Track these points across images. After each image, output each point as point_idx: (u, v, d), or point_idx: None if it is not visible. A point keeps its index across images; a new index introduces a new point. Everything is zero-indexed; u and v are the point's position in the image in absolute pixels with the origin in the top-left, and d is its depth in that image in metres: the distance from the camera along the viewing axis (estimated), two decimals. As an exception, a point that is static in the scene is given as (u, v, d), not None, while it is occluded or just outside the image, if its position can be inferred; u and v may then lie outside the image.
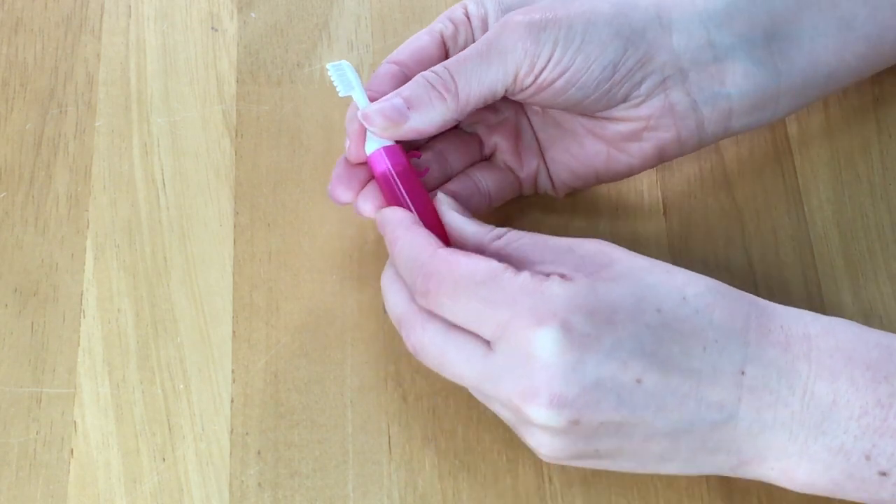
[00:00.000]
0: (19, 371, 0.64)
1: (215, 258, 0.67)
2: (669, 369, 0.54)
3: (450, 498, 0.61)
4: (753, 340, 0.55)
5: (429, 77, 0.60)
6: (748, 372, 0.54)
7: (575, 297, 0.54)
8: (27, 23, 0.75)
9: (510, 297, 0.54)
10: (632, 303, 0.54)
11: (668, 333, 0.54)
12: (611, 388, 0.54)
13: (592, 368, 0.53)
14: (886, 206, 0.68)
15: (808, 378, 0.54)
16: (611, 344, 0.53)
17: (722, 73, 0.62)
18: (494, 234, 0.59)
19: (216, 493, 0.61)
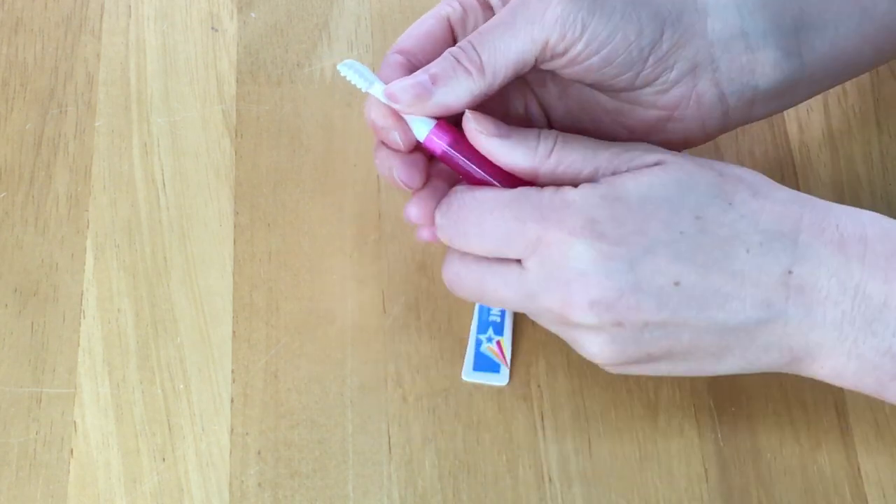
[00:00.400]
0: (19, 371, 0.64)
1: (215, 258, 0.67)
2: (709, 272, 0.54)
3: (450, 498, 0.61)
4: (803, 241, 0.55)
5: (453, 52, 0.58)
6: (796, 272, 0.54)
7: (604, 205, 0.54)
8: (27, 23, 0.75)
9: (538, 213, 0.55)
10: (666, 209, 0.54)
11: (706, 239, 0.54)
12: (648, 291, 0.54)
13: (627, 274, 0.54)
14: (886, 207, 0.68)
15: (861, 279, 0.54)
16: (643, 250, 0.54)
17: (753, 64, 0.61)
18: (543, 150, 0.57)
19: (216, 493, 0.61)
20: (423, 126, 0.59)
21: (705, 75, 0.60)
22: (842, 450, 0.62)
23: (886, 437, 0.62)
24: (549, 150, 0.57)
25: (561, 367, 0.64)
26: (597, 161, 0.56)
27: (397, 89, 0.58)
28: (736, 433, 0.62)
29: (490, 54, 0.58)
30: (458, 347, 0.64)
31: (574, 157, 0.57)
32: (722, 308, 0.54)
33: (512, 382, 0.63)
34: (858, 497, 0.60)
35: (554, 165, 0.57)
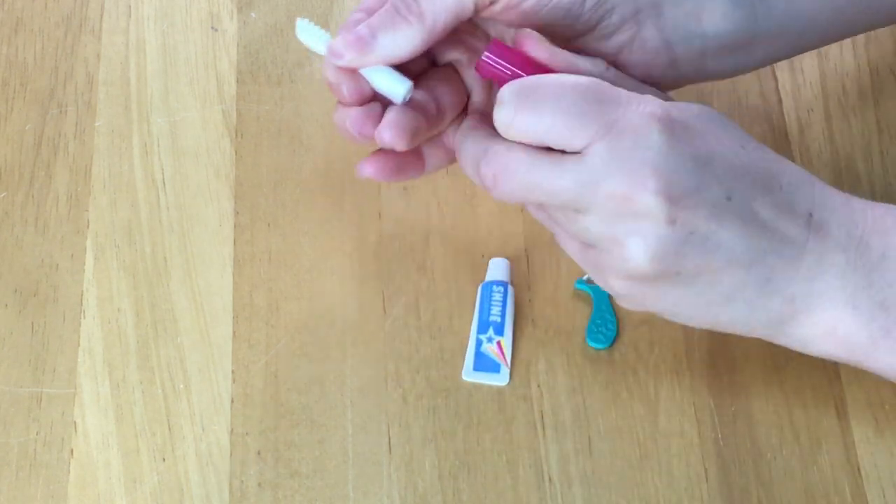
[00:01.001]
0: (19, 371, 0.64)
1: (215, 258, 0.67)
2: (753, 196, 0.56)
3: (450, 498, 0.61)
4: (819, 190, 0.57)
5: (394, 2, 0.59)
6: (815, 215, 0.57)
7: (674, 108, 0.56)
8: (27, 23, 0.75)
9: (619, 98, 0.55)
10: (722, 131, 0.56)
11: (753, 164, 0.56)
12: (707, 197, 0.55)
13: (693, 175, 0.55)
14: (886, 207, 0.68)
15: (864, 230, 0.57)
16: (707, 157, 0.55)
17: (699, 11, 0.61)
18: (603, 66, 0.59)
19: (216, 493, 0.61)
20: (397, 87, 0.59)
21: (648, 21, 0.61)
22: (842, 450, 0.62)
23: (886, 437, 0.62)
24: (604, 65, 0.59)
25: (561, 367, 0.64)
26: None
27: (338, 45, 0.59)
28: (736, 433, 0.62)
29: (429, 1, 0.58)
30: (458, 347, 0.64)
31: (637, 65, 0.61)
32: (759, 234, 0.56)
33: (512, 382, 0.63)
34: (858, 497, 0.60)
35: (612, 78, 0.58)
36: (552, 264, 0.67)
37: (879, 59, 0.73)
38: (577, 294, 0.66)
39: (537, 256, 0.67)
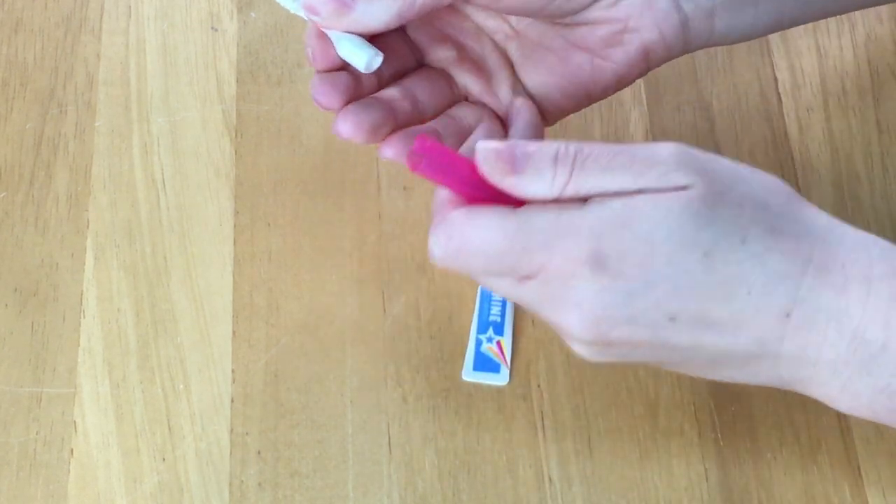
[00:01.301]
0: (19, 371, 0.64)
1: (215, 258, 0.67)
2: (707, 309, 0.53)
3: (450, 498, 0.61)
4: (807, 283, 0.53)
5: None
6: (794, 314, 0.53)
7: (610, 235, 0.52)
8: (27, 23, 0.75)
9: (544, 240, 0.53)
10: (675, 243, 0.52)
11: (710, 277, 0.53)
12: (643, 323, 0.53)
13: (623, 307, 0.53)
14: (886, 207, 0.68)
15: (860, 323, 0.53)
16: (643, 284, 0.52)
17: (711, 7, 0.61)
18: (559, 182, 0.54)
19: (216, 493, 0.61)
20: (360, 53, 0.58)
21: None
22: (842, 450, 0.62)
23: (886, 437, 0.62)
24: (567, 178, 0.54)
25: (561, 367, 0.64)
26: (620, 181, 0.53)
27: (317, 2, 0.58)
28: (736, 433, 0.62)
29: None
30: (458, 347, 0.64)
31: (593, 181, 0.53)
32: (715, 342, 0.54)
33: (512, 382, 0.63)
34: (858, 497, 0.60)
35: (573, 192, 0.54)
36: (552, 264, 0.67)
37: (879, 58, 0.73)
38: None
39: (537, 256, 0.67)
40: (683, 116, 0.71)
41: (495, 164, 0.54)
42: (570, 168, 0.53)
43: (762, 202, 0.54)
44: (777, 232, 0.53)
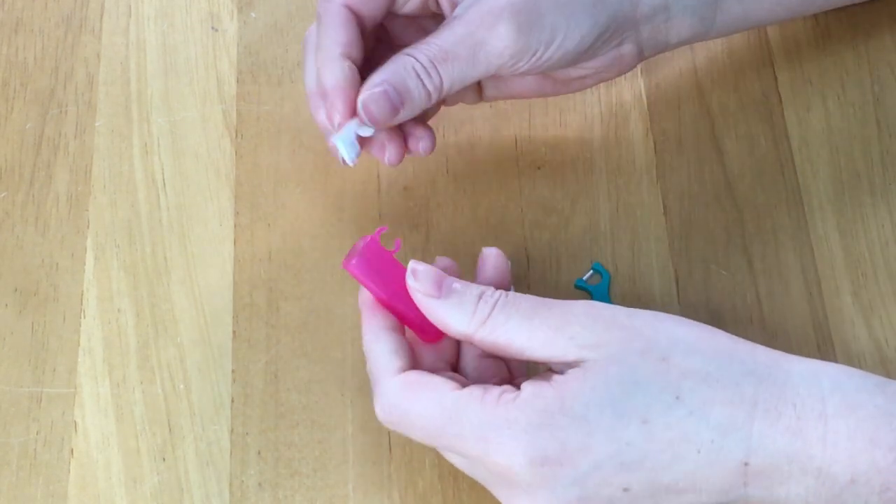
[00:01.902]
0: (19, 371, 0.64)
1: (215, 258, 0.67)
2: (659, 475, 0.53)
3: (450, 498, 0.61)
4: (758, 430, 0.52)
5: (419, 72, 0.60)
6: (752, 462, 0.53)
7: (545, 426, 0.52)
8: (27, 23, 0.75)
9: (479, 433, 0.53)
10: (610, 417, 0.52)
11: (654, 445, 0.52)
12: (597, 498, 0.53)
13: (572, 489, 0.53)
14: (886, 206, 0.68)
15: (823, 461, 0.52)
16: (588, 466, 0.52)
17: (668, 28, 0.65)
18: (479, 317, 0.55)
19: (216, 493, 0.61)
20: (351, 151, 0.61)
21: (628, 42, 0.65)
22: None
23: None
24: (486, 316, 0.55)
25: (561, 367, 0.64)
26: (532, 341, 0.54)
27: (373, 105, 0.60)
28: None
29: (450, 80, 0.60)
30: (458, 347, 0.64)
31: (510, 326, 0.54)
32: (676, 499, 0.53)
33: (512, 382, 0.63)
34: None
35: (487, 333, 0.55)
36: (552, 264, 0.67)
37: (879, 58, 0.73)
38: (576, 293, 0.66)
39: (537, 256, 0.67)
40: (683, 116, 0.71)
41: (423, 282, 0.56)
42: (490, 308, 0.55)
43: (691, 348, 0.54)
44: (712, 380, 0.53)
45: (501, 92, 0.67)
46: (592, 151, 0.70)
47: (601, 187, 0.69)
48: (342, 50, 0.61)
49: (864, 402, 0.53)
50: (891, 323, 0.65)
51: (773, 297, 0.66)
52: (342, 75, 0.61)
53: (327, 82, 0.61)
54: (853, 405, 0.53)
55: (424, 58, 0.60)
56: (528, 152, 0.70)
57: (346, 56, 0.61)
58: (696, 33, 0.67)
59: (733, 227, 0.68)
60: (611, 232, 0.68)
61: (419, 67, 0.60)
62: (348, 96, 0.60)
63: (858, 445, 0.52)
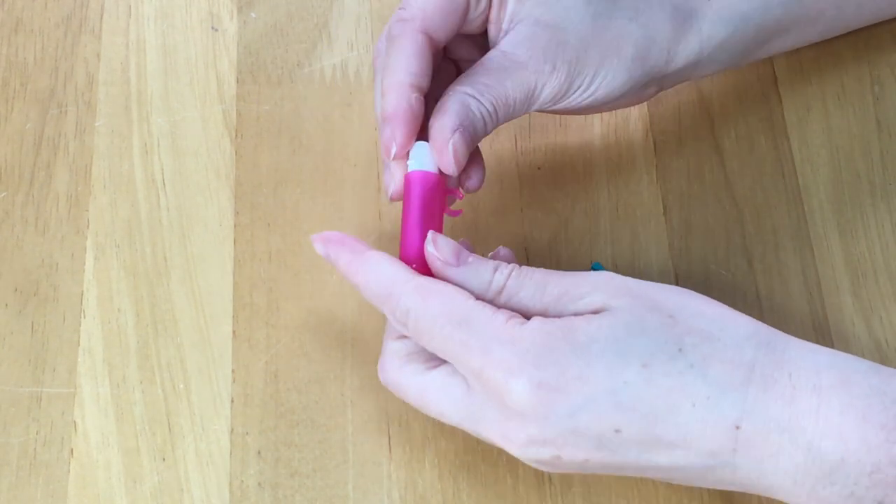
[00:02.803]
0: (19, 371, 0.64)
1: (215, 258, 0.67)
2: (652, 422, 0.53)
3: (450, 498, 0.61)
4: (753, 394, 0.53)
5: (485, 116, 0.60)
6: (744, 426, 0.53)
7: (548, 349, 0.53)
8: (27, 23, 0.75)
9: (483, 345, 0.54)
10: (612, 354, 0.53)
11: (651, 389, 0.53)
12: (588, 435, 0.54)
13: (566, 419, 0.53)
14: (886, 206, 0.68)
15: (814, 435, 0.52)
16: (583, 398, 0.53)
17: (694, 72, 0.66)
18: (495, 286, 0.57)
19: (216, 493, 0.61)
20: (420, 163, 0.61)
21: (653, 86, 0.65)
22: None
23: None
24: (501, 286, 0.57)
25: (561, 367, 0.64)
26: (545, 300, 0.56)
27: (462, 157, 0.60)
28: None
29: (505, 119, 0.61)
30: (458, 347, 0.64)
31: (523, 295, 0.56)
32: (665, 454, 0.54)
33: (512, 382, 0.63)
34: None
35: (504, 300, 0.56)
36: (552, 263, 0.67)
37: (879, 58, 0.73)
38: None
39: (537, 255, 0.67)
40: (683, 116, 0.71)
41: (443, 250, 0.57)
42: (505, 279, 0.56)
43: (697, 311, 0.55)
44: (714, 339, 0.54)
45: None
46: (592, 151, 0.70)
47: (601, 187, 0.69)
48: (412, 80, 0.60)
49: (858, 381, 0.53)
50: (891, 323, 0.65)
51: (773, 297, 0.66)
52: (408, 106, 0.59)
53: (390, 110, 0.59)
54: (847, 382, 0.53)
55: (489, 104, 0.60)
56: (528, 152, 0.70)
57: (416, 87, 0.60)
58: (717, 70, 0.67)
59: (733, 227, 0.68)
60: (611, 232, 0.68)
61: (486, 113, 0.60)
62: (412, 129, 0.59)
63: (850, 421, 0.52)
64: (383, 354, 0.59)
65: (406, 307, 0.56)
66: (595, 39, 0.62)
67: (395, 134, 0.59)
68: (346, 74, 0.73)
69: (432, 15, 0.60)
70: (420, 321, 0.56)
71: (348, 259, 0.58)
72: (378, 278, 0.57)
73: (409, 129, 0.59)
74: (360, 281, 0.58)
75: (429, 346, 0.56)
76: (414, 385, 0.57)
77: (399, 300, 0.56)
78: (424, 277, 0.57)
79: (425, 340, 0.56)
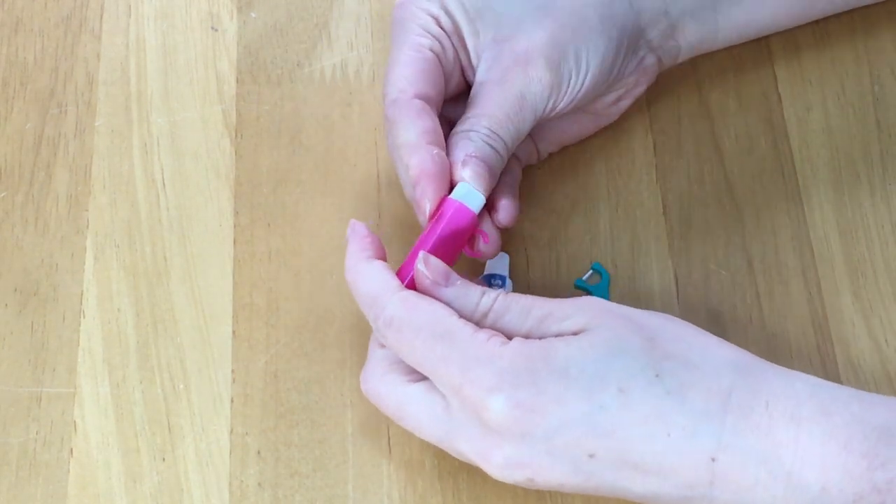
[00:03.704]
0: (19, 371, 0.64)
1: (215, 258, 0.67)
2: (627, 450, 0.53)
3: (449, 498, 0.61)
4: (730, 425, 0.52)
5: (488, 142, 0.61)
6: (720, 459, 0.52)
7: (526, 370, 0.53)
8: (27, 23, 0.75)
9: (463, 361, 0.54)
10: (590, 377, 0.53)
11: (627, 415, 0.53)
12: (562, 458, 0.54)
13: (540, 443, 0.53)
14: (886, 206, 0.68)
15: (794, 465, 0.52)
16: (559, 422, 0.53)
17: (674, 33, 0.67)
18: (481, 309, 0.57)
19: (216, 493, 0.61)
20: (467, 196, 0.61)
21: (644, 51, 0.66)
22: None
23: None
24: (487, 309, 0.57)
25: (561, 367, 0.64)
26: (528, 324, 0.56)
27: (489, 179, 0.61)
28: (736, 433, 0.62)
29: (512, 140, 0.62)
30: (457, 347, 0.64)
31: (508, 319, 0.56)
32: (640, 481, 0.53)
33: (512, 382, 0.63)
34: (858, 497, 0.60)
35: (490, 323, 0.57)
36: (552, 263, 0.67)
37: (879, 58, 0.73)
38: (576, 293, 0.66)
39: (537, 255, 0.67)
40: (683, 116, 0.71)
41: (434, 271, 0.57)
42: (492, 302, 0.57)
43: (676, 335, 0.55)
44: (692, 366, 0.54)
45: (552, 143, 0.69)
46: (592, 151, 0.70)
47: (601, 187, 0.69)
48: (428, 139, 0.60)
49: (839, 409, 0.53)
50: (891, 323, 0.65)
51: (773, 297, 0.66)
52: (431, 162, 0.60)
53: (415, 171, 0.60)
54: (828, 411, 0.53)
55: (484, 129, 0.61)
56: (528, 152, 0.70)
57: (433, 143, 0.60)
58: (704, 38, 0.68)
59: (733, 227, 0.68)
60: (611, 232, 0.68)
61: (486, 136, 0.61)
62: (441, 183, 0.60)
63: (831, 450, 0.52)
64: (368, 361, 0.59)
65: (390, 315, 0.56)
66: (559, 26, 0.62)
67: (426, 191, 0.60)
68: (346, 74, 0.73)
69: (416, 81, 0.62)
70: (402, 331, 0.56)
71: (353, 255, 0.59)
72: (368, 282, 0.58)
73: (439, 184, 0.60)
74: (352, 280, 0.58)
75: (408, 359, 0.56)
76: (394, 396, 0.58)
77: (385, 307, 0.56)
78: (413, 291, 0.57)
79: (406, 352, 0.56)
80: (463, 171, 0.60)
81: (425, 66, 0.62)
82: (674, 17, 0.66)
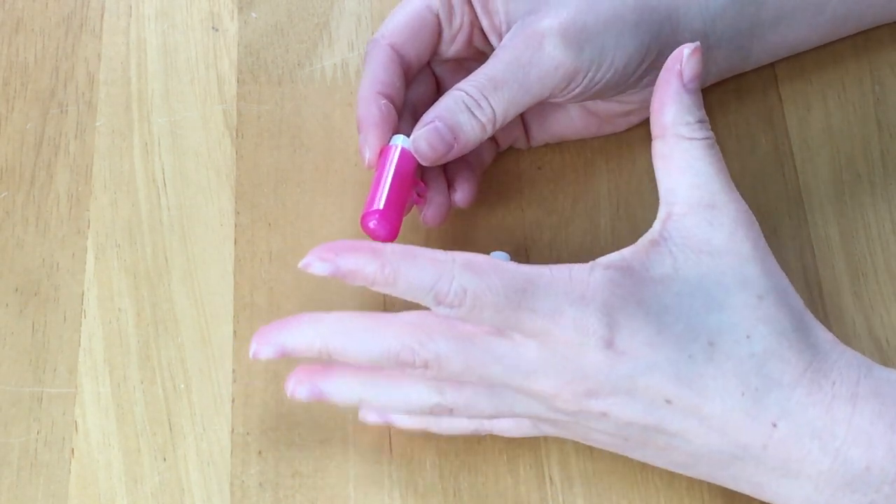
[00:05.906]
0: (20, 371, 0.64)
1: (216, 258, 0.67)
2: (702, 401, 0.54)
3: (450, 498, 0.61)
4: (796, 397, 0.54)
5: (469, 104, 0.61)
6: (780, 426, 0.53)
7: (621, 310, 0.54)
8: (27, 23, 0.75)
9: (553, 306, 0.53)
10: (684, 326, 0.54)
11: (711, 369, 0.54)
12: (641, 398, 0.54)
13: (625, 380, 0.54)
14: (886, 206, 0.68)
15: (844, 442, 0.53)
16: (647, 365, 0.54)
17: (708, 59, 0.65)
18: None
19: (217, 493, 0.61)
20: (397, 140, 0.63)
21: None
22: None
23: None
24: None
25: (561, 367, 0.64)
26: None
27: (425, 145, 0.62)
28: (736, 433, 0.62)
29: (503, 109, 0.61)
30: (458, 347, 0.64)
31: None
32: (702, 437, 0.54)
33: (512, 382, 0.63)
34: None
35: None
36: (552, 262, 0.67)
37: (879, 58, 0.73)
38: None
39: (537, 254, 0.67)
40: (684, 116, 0.71)
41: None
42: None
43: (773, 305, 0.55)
44: (783, 336, 0.55)
45: (547, 133, 0.69)
46: (592, 151, 0.70)
47: (601, 187, 0.69)
48: (380, 88, 0.63)
49: (890, 391, 0.54)
50: (891, 323, 0.65)
51: (773, 296, 0.66)
52: (377, 112, 0.62)
53: (362, 119, 0.63)
54: (880, 392, 0.54)
55: (473, 89, 0.61)
56: (528, 152, 0.70)
57: (384, 95, 0.63)
58: (734, 65, 0.68)
59: (733, 227, 0.68)
60: (611, 232, 0.68)
61: (469, 100, 0.61)
62: (382, 133, 0.62)
63: (879, 430, 0.53)
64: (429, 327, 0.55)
65: (461, 287, 0.54)
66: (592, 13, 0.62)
67: (367, 138, 0.62)
68: (347, 74, 0.73)
69: (399, 32, 0.64)
70: (481, 297, 0.53)
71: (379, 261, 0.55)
72: (419, 266, 0.54)
73: (380, 134, 0.62)
74: (401, 275, 0.54)
75: (492, 322, 0.54)
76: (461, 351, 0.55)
77: (451, 282, 0.54)
78: (463, 254, 0.55)
79: (487, 316, 0.54)
80: (416, 129, 0.62)
81: (417, 22, 0.64)
82: (711, 42, 0.66)
